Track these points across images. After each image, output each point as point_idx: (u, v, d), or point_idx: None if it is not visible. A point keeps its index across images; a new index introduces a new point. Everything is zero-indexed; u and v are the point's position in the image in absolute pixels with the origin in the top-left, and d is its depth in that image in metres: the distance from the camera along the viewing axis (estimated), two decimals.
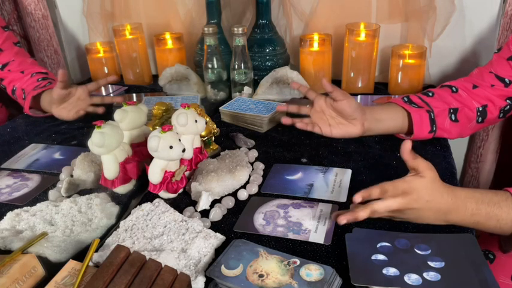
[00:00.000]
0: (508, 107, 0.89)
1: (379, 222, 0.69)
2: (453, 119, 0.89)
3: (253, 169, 0.87)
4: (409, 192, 0.61)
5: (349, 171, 0.85)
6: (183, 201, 0.79)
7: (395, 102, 0.91)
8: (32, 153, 0.99)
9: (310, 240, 0.67)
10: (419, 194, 0.61)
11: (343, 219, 0.62)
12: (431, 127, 0.88)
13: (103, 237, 0.70)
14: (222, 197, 0.79)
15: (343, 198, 0.77)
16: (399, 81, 1.18)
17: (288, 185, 0.82)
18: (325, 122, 0.89)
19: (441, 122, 0.88)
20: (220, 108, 1.11)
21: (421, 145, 0.92)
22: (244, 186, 0.82)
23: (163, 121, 0.92)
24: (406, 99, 0.91)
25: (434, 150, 0.91)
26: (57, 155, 0.97)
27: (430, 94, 0.92)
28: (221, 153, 0.90)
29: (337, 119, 0.89)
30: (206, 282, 0.59)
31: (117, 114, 0.80)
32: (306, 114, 0.92)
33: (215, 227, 0.71)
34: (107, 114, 1.06)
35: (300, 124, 0.91)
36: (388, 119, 0.90)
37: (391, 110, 0.90)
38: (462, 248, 0.62)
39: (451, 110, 0.89)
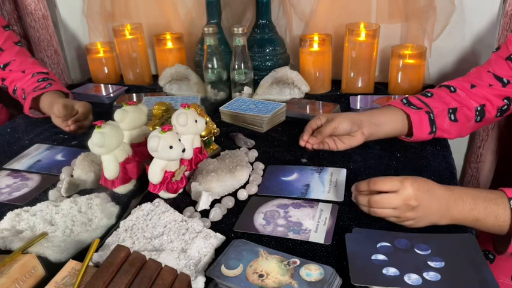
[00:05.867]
0: (506, 106, 0.89)
1: (379, 222, 0.70)
2: (452, 118, 0.89)
3: (253, 169, 0.87)
4: (409, 179, 0.64)
5: (344, 171, 0.85)
6: (183, 201, 0.79)
7: (394, 105, 0.91)
8: (35, 153, 0.99)
9: (310, 240, 0.67)
10: (419, 181, 0.64)
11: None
12: (431, 128, 0.88)
13: (103, 237, 0.70)
14: (222, 197, 0.79)
15: (340, 198, 0.77)
16: (399, 81, 1.19)
17: (285, 186, 0.82)
18: (330, 140, 0.92)
19: (441, 122, 0.88)
20: (220, 108, 1.11)
21: (421, 145, 0.92)
22: (244, 186, 0.82)
23: (163, 121, 0.92)
24: (405, 101, 0.91)
25: (434, 150, 0.91)
26: (59, 157, 0.97)
27: (429, 94, 0.92)
28: (221, 153, 0.90)
29: (339, 137, 0.92)
30: (206, 282, 0.59)
31: (117, 114, 0.80)
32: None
33: (215, 227, 0.71)
34: (107, 114, 1.06)
35: (310, 145, 0.93)
36: (387, 122, 0.90)
37: (389, 113, 0.91)
38: (462, 248, 0.62)
39: (450, 110, 0.89)
